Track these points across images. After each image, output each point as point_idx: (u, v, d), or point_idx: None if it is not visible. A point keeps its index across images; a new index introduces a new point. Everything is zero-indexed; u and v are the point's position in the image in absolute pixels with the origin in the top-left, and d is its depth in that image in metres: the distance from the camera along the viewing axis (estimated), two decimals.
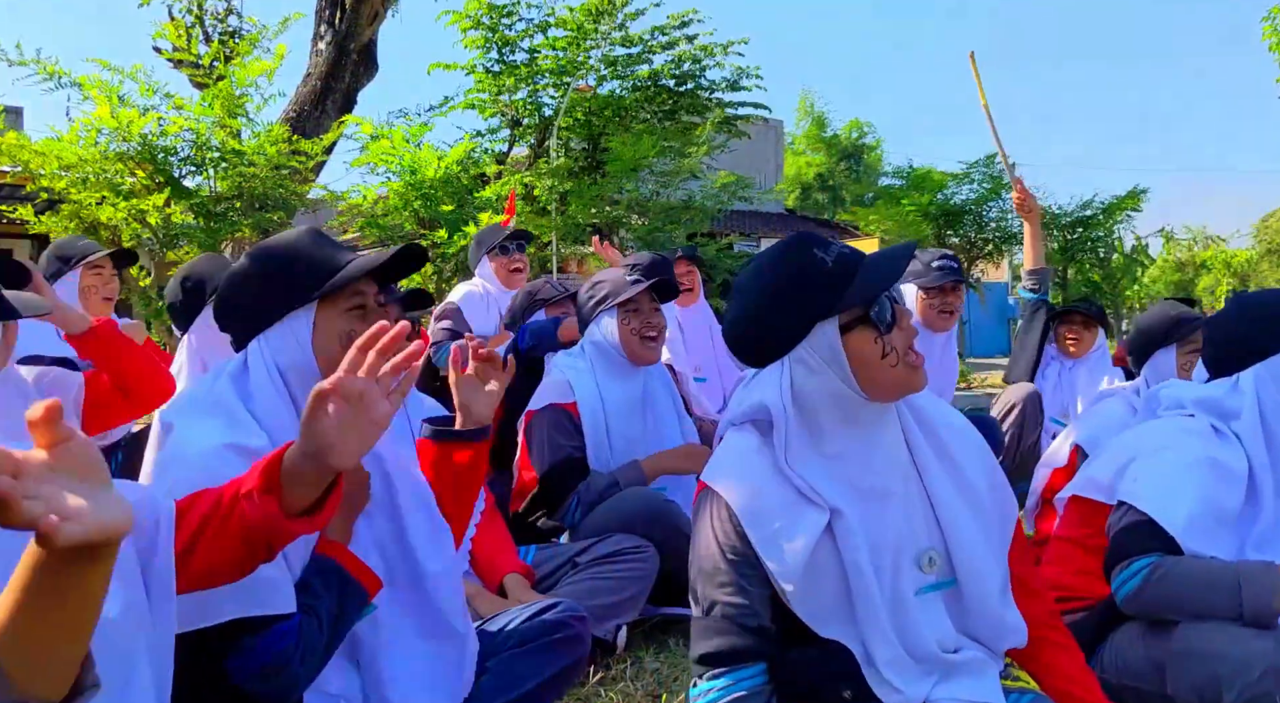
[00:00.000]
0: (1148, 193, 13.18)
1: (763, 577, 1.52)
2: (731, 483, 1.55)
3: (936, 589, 1.59)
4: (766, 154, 21.44)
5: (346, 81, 9.27)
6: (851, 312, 1.51)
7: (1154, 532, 1.89)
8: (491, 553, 2.55)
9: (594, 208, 9.84)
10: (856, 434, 1.56)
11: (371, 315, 1.62)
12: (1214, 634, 1.77)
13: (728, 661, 1.51)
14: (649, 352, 2.99)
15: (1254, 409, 1.98)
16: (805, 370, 1.54)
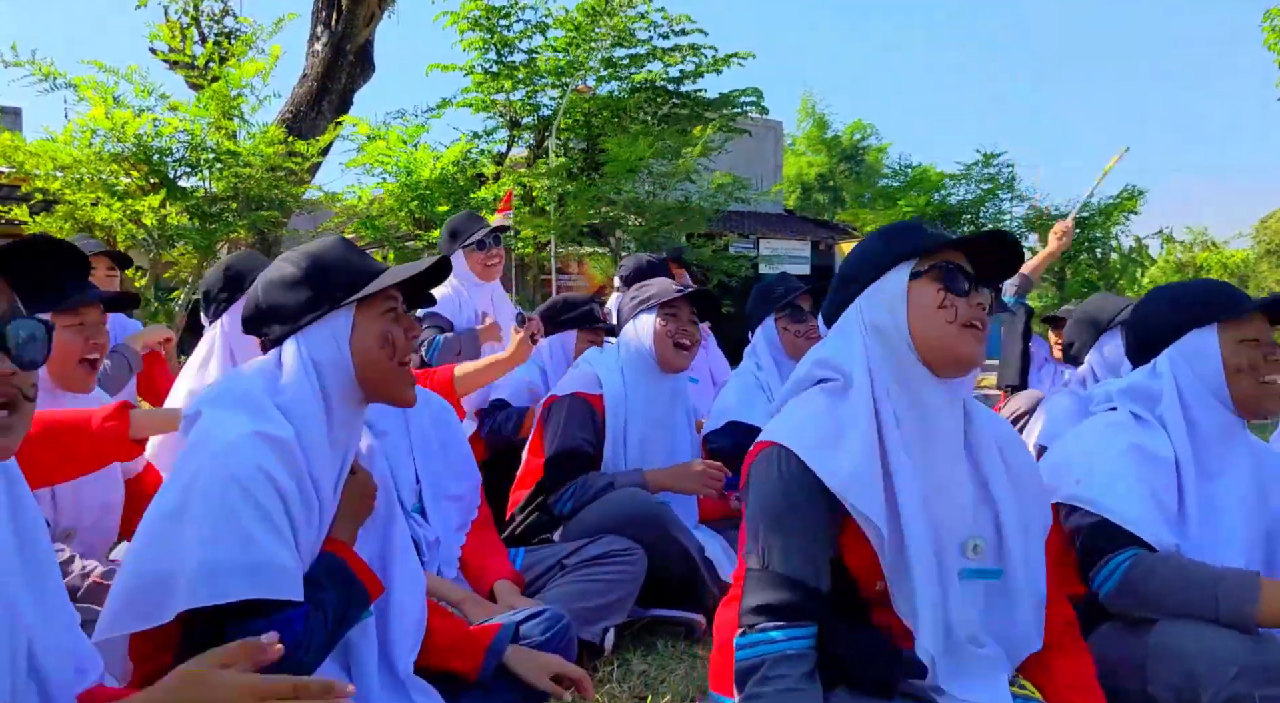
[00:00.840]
0: (1145, 195, 13.22)
1: (829, 536, 1.60)
2: (800, 436, 1.62)
3: (980, 576, 1.65)
4: (766, 155, 21.42)
5: (343, 82, 9.27)
6: (928, 261, 1.65)
7: (1114, 529, 1.92)
8: (482, 559, 2.55)
9: (591, 209, 9.86)
10: (919, 409, 1.64)
11: (402, 320, 1.70)
12: (1191, 633, 1.78)
13: (784, 615, 1.57)
14: (680, 359, 2.99)
15: (1173, 391, 2.02)
16: (872, 308, 1.67)
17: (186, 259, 7.64)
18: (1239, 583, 1.80)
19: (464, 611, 2.29)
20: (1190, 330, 2.02)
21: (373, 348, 1.66)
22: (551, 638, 2.01)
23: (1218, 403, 2.00)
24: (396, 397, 1.71)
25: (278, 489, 1.52)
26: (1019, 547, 1.67)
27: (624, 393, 2.98)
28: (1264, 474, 2.06)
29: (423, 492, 2.50)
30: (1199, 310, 2.03)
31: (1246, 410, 2.01)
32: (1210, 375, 2.00)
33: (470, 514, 2.59)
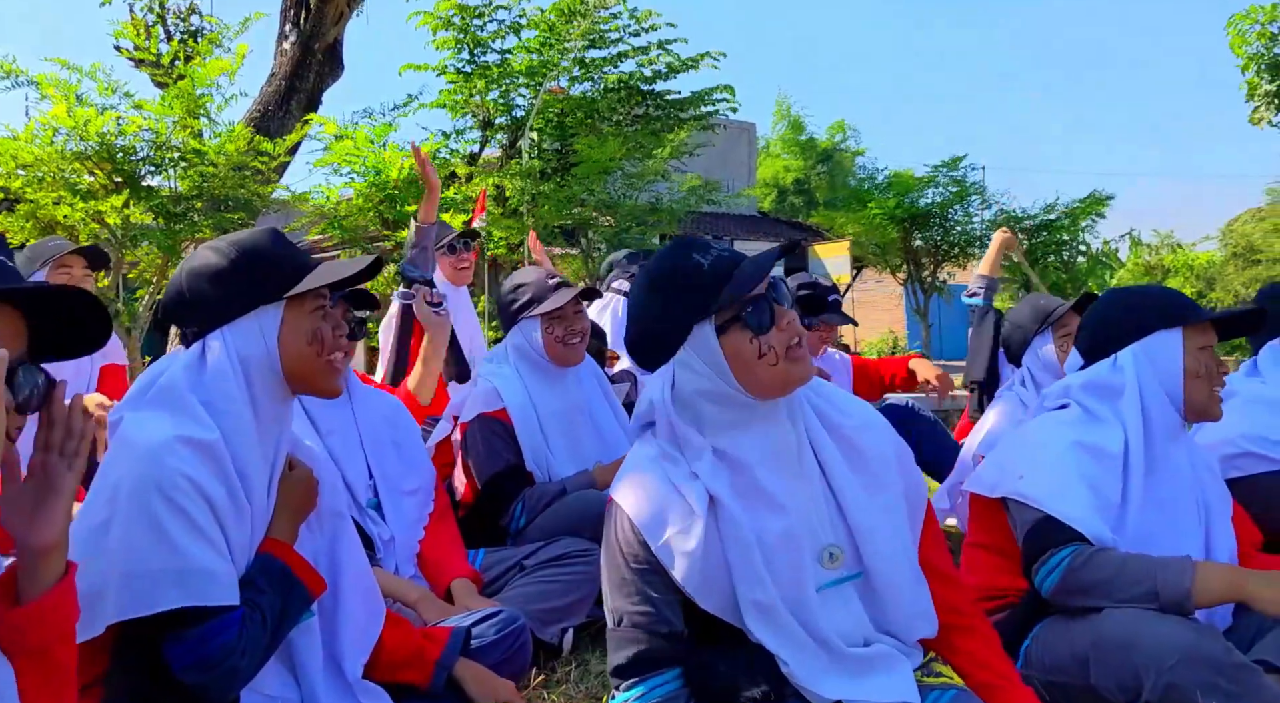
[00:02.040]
0: (1113, 199, 13.38)
1: (668, 582, 1.56)
2: (630, 494, 1.59)
3: (842, 583, 1.62)
4: (739, 157, 21.52)
5: (311, 82, 9.19)
6: (726, 313, 1.55)
7: (1057, 525, 1.94)
8: (440, 557, 2.54)
9: (564, 210, 9.84)
10: (747, 433, 1.58)
11: (330, 316, 1.69)
12: (1133, 624, 1.80)
13: (641, 669, 1.54)
14: (573, 354, 2.95)
15: (1134, 386, 2.04)
16: (687, 371, 1.59)
17: (150, 259, 7.55)
18: (1175, 569, 1.84)
19: (419, 610, 2.28)
20: (1156, 330, 2.05)
21: (301, 345, 1.65)
22: (504, 639, 2.01)
23: (1170, 405, 2.04)
24: (323, 389, 1.70)
25: (204, 494, 1.50)
26: (875, 543, 1.61)
27: (528, 399, 2.92)
28: (1198, 467, 2.11)
29: (378, 488, 2.48)
30: (1167, 312, 2.06)
31: (1192, 413, 2.05)
32: (1170, 376, 2.03)
33: (426, 509, 2.57)
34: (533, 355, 2.95)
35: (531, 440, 2.90)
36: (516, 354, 2.99)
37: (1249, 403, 2.37)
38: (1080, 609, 1.90)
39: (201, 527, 1.49)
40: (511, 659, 2.01)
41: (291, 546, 1.68)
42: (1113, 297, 2.22)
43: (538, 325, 2.93)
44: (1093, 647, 1.84)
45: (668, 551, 1.54)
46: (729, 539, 1.54)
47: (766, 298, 1.56)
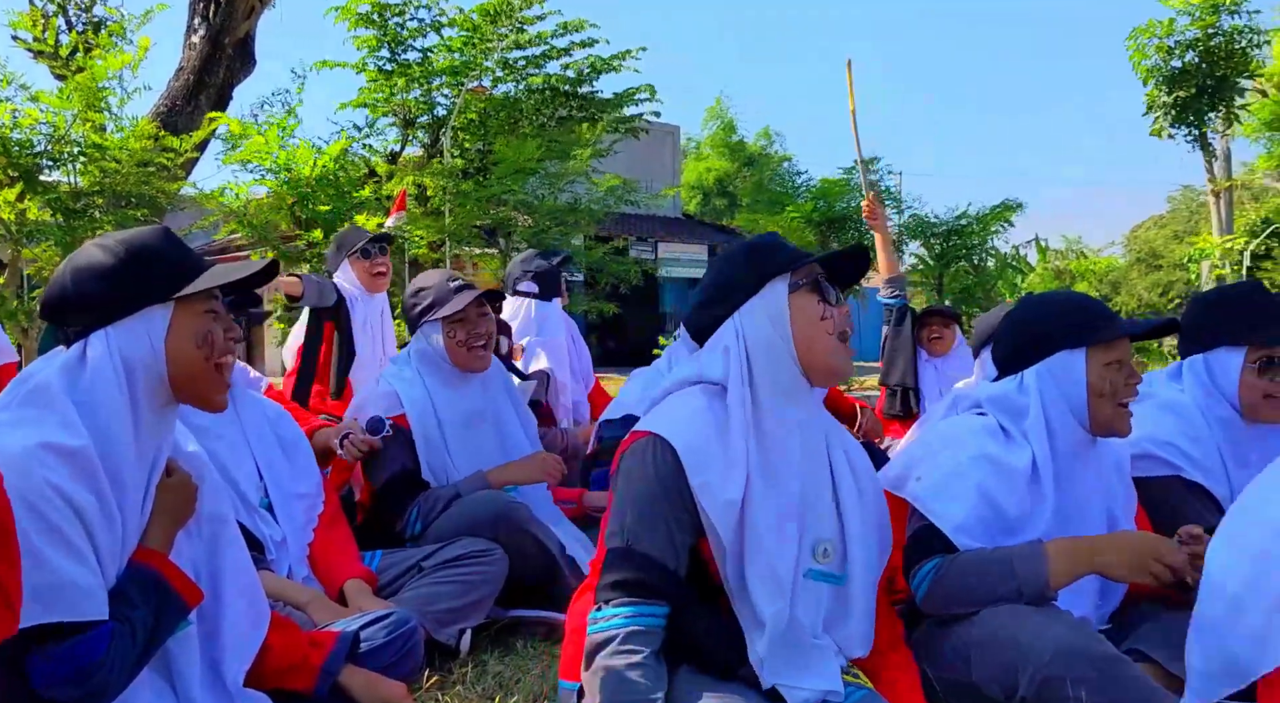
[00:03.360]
0: (1023, 206, 13.79)
1: (691, 524, 1.67)
2: (678, 430, 1.69)
3: (824, 580, 1.74)
4: (663, 158, 21.62)
5: (221, 76, 8.99)
6: (801, 274, 1.75)
7: (936, 534, 1.97)
8: (332, 558, 2.50)
9: (484, 209, 9.78)
10: (791, 406, 1.73)
11: (222, 319, 1.64)
12: (1007, 621, 1.84)
13: (640, 591, 1.62)
14: (478, 360, 2.89)
15: (1039, 406, 2.05)
16: (751, 321, 1.74)
17: (49, 256, 7.29)
18: (1028, 556, 1.89)
19: (310, 612, 2.24)
20: (1060, 350, 2.06)
21: (189, 347, 1.60)
22: (394, 641, 1.98)
23: (1076, 423, 2.06)
24: (207, 400, 1.64)
25: (72, 504, 1.44)
26: (860, 558, 1.76)
27: (429, 403, 2.87)
28: (1106, 475, 2.15)
29: (268, 489, 2.43)
30: (1071, 333, 2.06)
31: (1100, 430, 2.07)
32: (1074, 396, 2.04)
33: (316, 511, 2.53)
34: (436, 360, 2.90)
35: (429, 445, 2.85)
36: (419, 358, 2.93)
37: (1162, 407, 2.38)
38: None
39: (68, 539, 1.43)
40: (402, 661, 1.99)
41: (166, 554, 1.62)
42: (1024, 309, 2.22)
43: (439, 329, 2.87)
44: (972, 644, 1.88)
45: (707, 491, 1.65)
46: (754, 503, 1.67)
47: (835, 290, 1.79)
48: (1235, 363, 2.33)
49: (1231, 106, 15.27)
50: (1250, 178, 20.65)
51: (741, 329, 1.74)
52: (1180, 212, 37.75)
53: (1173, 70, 14.87)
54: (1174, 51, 14.82)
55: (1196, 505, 2.25)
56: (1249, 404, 2.32)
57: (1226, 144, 16.77)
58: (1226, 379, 2.35)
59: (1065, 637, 1.78)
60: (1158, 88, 14.98)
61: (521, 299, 4.37)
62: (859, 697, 1.68)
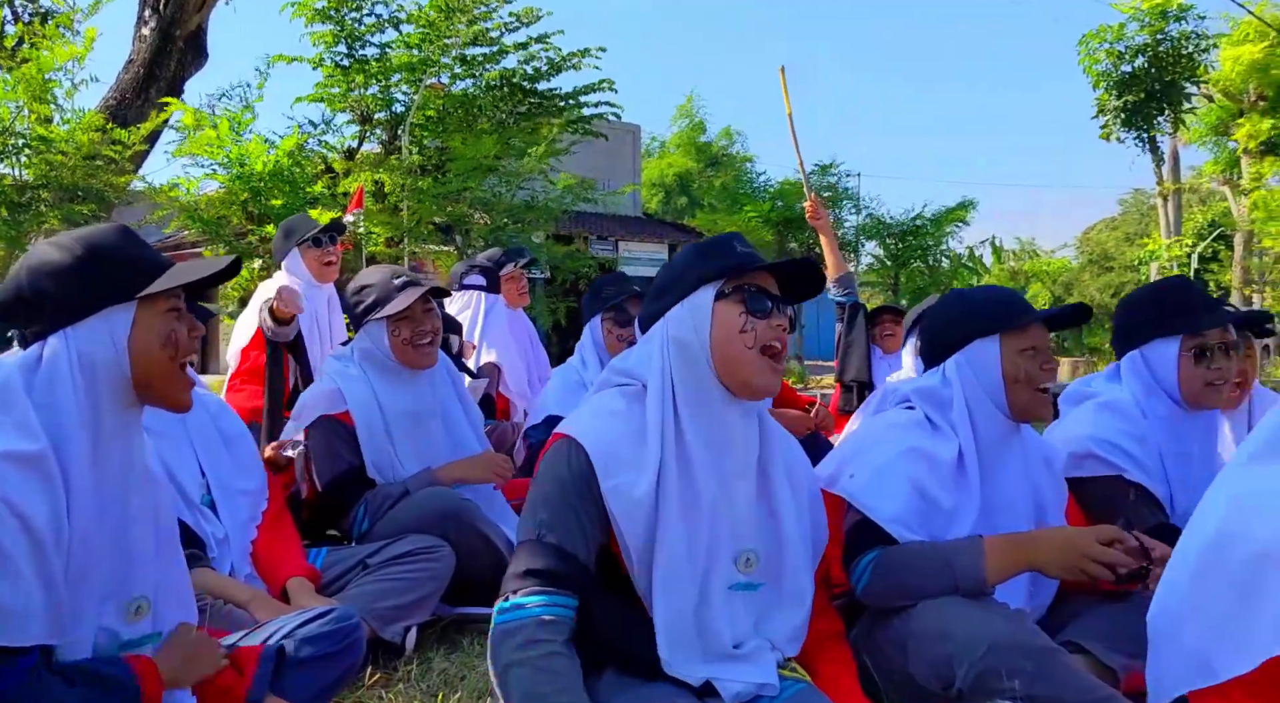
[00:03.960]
0: (976, 206, 14.00)
1: (602, 523, 1.67)
2: (591, 433, 1.69)
3: (748, 589, 1.73)
4: (623, 157, 21.60)
5: (172, 69, 8.83)
6: (731, 284, 1.71)
7: (872, 526, 2.00)
8: (275, 555, 2.47)
9: (441, 206, 9.72)
10: (707, 416, 1.71)
11: (185, 318, 1.61)
12: (944, 614, 1.87)
13: (549, 582, 1.62)
14: (424, 357, 2.86)
15: (961, 398, 2.10)
16: (675, 324, 1.73)
17: None
18: (966, 551, 1.93)
19: (252, 611, 2.22)
20: (975, 340, 2.11)
21: (154, 348, 1.56)
22: (333, 635, 1.95)
23: (996, 410, 2.10)
24: (172, 400, 1.61)
25: (21, 519, 1.37)
26: (793, 562, 1.76)
27: (374, 401, 2.82)
28: (1033, 466, 2.18)
29: (210, 486, 2.41)
30: (983, 322, 2.12)
31: (1019, 416, 2.11)
32: (990, 383, 2.09)
33: (260, 508, 2.51)
34: (381, 358, 2.86)
35: (374, 443, 2.82)
36: (363, 356, 2.89)
37: (1103, 407, 2.43)
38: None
39: (9, 556, 1.36)
40: (342, 656, 1.96)
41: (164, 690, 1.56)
42: (943, 304, 2.28)
43: (384, 328, 2.83)
44: (910, 637, 1.91)
45: (616, 494, 1.65)
46: (666, 509, 1.66)
47: (775, 298, 1.73)
48: (1171, 354, 2.39)
49: (1179, 111, 15.61)
50: (1198, 181, 21.12)
51: (667, 331, 1.74)
52: (1131, 214, 38.50)
53: (1122, 75, 15.15)
54: (1124, 56, 15.11)
55: (1138, 506, 2.30)
56: (1189, 393, 2.38)
57: (1175, 148, 17.15)
58: (1165, 371, 2.40)
59: (1000, 629, 1.82)
60: (1108, 92, 15.26)
61: (469, 293, 4.34)
62: (796, 691, 1.68)
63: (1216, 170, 18.19)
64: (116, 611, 1.57)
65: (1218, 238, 18.76)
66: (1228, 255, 18.01)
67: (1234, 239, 17.42)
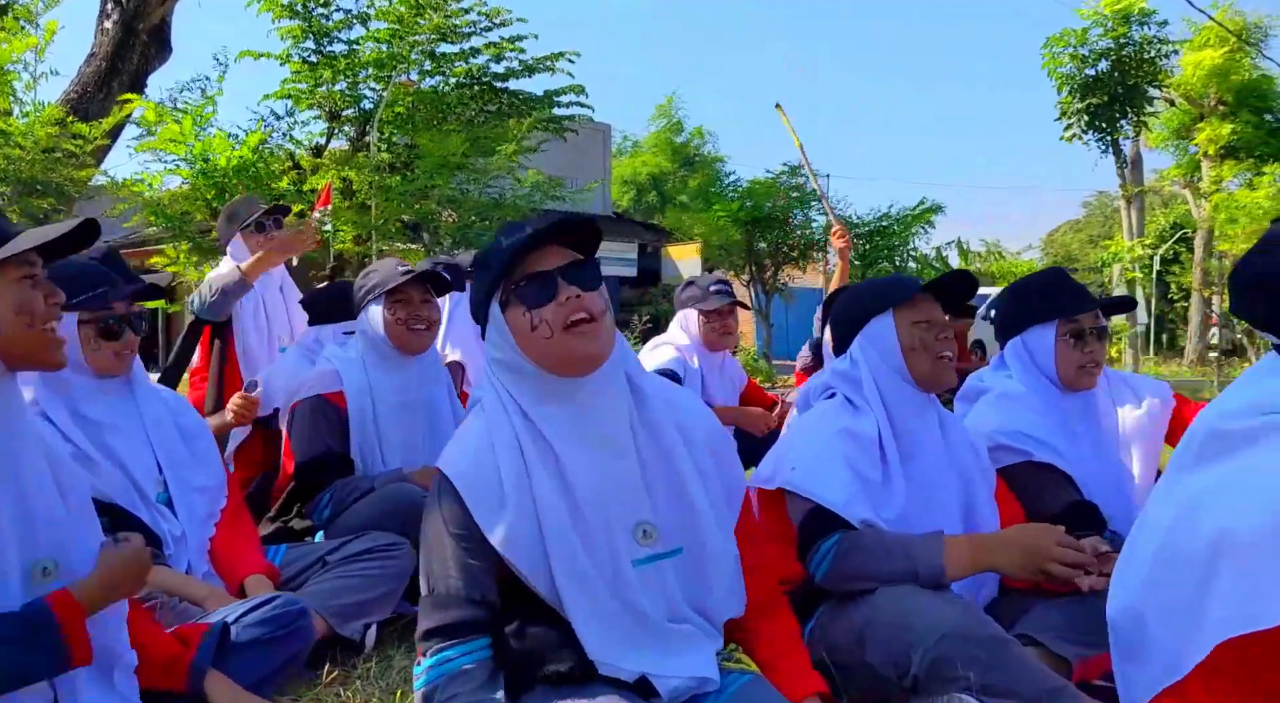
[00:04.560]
0: (944, 208, 14.15)
1: (487, 551, 1.59)
2: (457, 464, 1.64)
3: (658, 560, 1.66)
4: (594, 157, 21.58)
5: (135, 63, 8.71)
6: (506, 287, 1.64)
7: (825, 513, 2.04)
8: (233, 553, 2.45)
9: (409, 204, 9.67)
10: (553, 407, 1.65)
11: (41, 285, 1.59)
12: (901, 602, 1.90)
13: (453, 634, 1.57)
14: (418, 338, 2.90)
15: (869, 376, 2.20)
16: (490, 345, 1.68)
17: None
18: (929, 547, 1.97)
19: (208, 608, 2.20)
20: (871, 318, 2.21)
21: (8, 316, 1.55)
22: (278, 618, 1.93)
23: (903, 381, 2.19)
24: (43, 361, 1.60)
25: None
26: (704, 521, 1.68)
27: (367, 385, 2.88)
28: (957, 443, 2.25)
29: (168, 483, 2.38)
30: (875, 300, 2.23)
31: (926, 384, 2.20)
32: (891, 356, 2.19)
33: (218, 505, 2.49)
34: (376, 342, 2.91)
35: (363, 428, 2.86)
36: (362, 339, 2.95)
37: (1000, 398, 2.55)
38: (855, 592, 2.01)
39: None
40: (285, 640, 1.94)
41: (85, 616, 1.56)
42: (844, 294, 2.39)
43: (382, 307, 2.88)
44: (867, 626, 1.94)
45: (489, 519, 1.58)
46: (545, 511, 1.59)
47: (552, 273, 1.61)
48: (1049, 339, 2.53)
49: (1142, 114, 15.86)
50: (1161, 184, 21.45)
51: (489, 352, 1.70)
52: (1095, 216, 39.06)
53: (1086, 78, 15.38)
54: (1087, 60, 15.34)
55: (1052, 485, 2.41)
56: (1066, 376, 2.52)
57: (1137, 151, 17.43)
58: (1044, 356, 2.54)
59: (955, 619, 1.84)
60: (1071, 95, 15.49)
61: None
62: (740, 685, 1.64)
63: (1178, 174, 18.51)
64: (22, 573, 1.57)
65: (1179, 240, 19.07)
66: (1189, 258, 18.33)
67: (1194, 241, 17.73)
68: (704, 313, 4.13)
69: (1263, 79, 17.21)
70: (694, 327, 4.17)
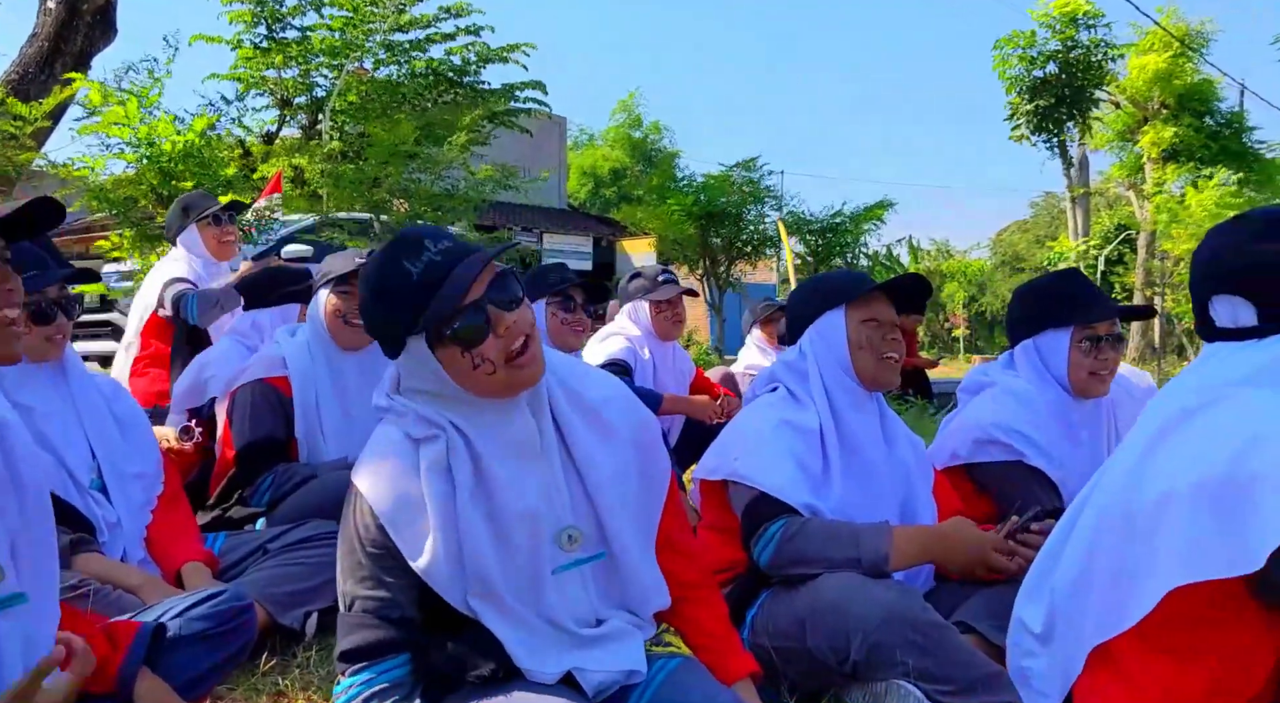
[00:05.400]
0: (894, 205, 14.32)
1: (403, 567, 1.54)
2: (371, 478, 1.57)
3: (581, 565, 1.63)
4: (550, 150, 21.51)
5: (79, 44, 8.48)
6: (435, 326, 1.50)
7: (769, 500, 2.07)
8: (170, 540, 2.42)
9: (363, 193, 9.55)
10: (480, 423, 1.57)
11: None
12: (842, 587, 1.93)
13: (368, 654, 1.54)
14: (353, 335, 2.85)
15: (815, 366, 2.24)
16: (412, 377, 1.58)
17: None
18: (873, 534, 2.01)
19: (142, 596, 2.17)
20: (824, 312, 2.24)
21: None
22: (220, 615, 1.91)
23: (847, 377, 2.22)
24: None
25: None
26: (622, 523, 1.65)
27: (311, 370, 2.86)
28: (896, 438, 2.30)
29: (102, 469, 2.34)
30: (829, 295, 2.26)
31: (868, 383, 2.23)
32: (838, 351, 2.22)
33: (154, 492, 2.45)
34: (320, 331, 2.89)
35: (307, 414, 2.83)
36: (310, 325, 2.93)
37: (1002, 394, 2.54)
38: (798, 578, 2.03)
39: None
40: (229, 636, 1.92)
41: None
42: (799, 286, 2.44)
43: (326, 298, 2.86)
44: (808, 612, 1.97)
45: (405, 538, 1.53)
46: (465, 527, 1.54)
47: (481, 304, 1.49)
48: (1063, 343, 2.51)
49: (1088, 116, 16.17)
50: (1105, 186, 21.88)
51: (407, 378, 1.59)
52: (1042, 216, 39.71)
53: (1034, 79, 15.66)
54: (1036, 62, 15.62)
55: (1036, 490, 2.42)
56: (1077, 382, 2.50)
57: (1083, 152, 17.78)
58: (1056, 360, 2.52)
59: (893, 603, 1.88)
60: (1020, 96, 15.76)
61: None
62: (668, 672, 1.62)
63: (1122, 175, 18.89)
64: None
65: (1123, 241, 19.47)
66: (1133, 258, 18.72)
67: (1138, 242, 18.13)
68: (655, 303, 4.16)
69: (1204, 83, 17.62)
70: (645, 317, 4.20)
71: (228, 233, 4.07)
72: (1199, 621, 1.38)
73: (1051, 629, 1.65)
